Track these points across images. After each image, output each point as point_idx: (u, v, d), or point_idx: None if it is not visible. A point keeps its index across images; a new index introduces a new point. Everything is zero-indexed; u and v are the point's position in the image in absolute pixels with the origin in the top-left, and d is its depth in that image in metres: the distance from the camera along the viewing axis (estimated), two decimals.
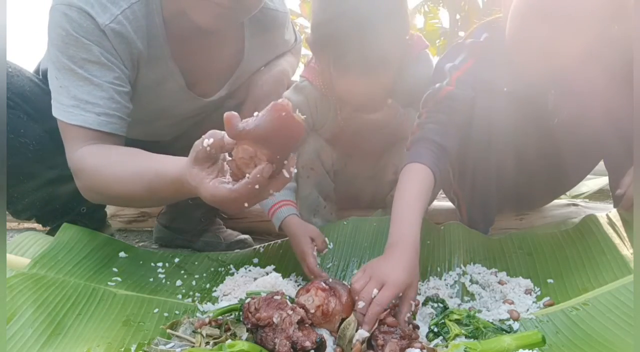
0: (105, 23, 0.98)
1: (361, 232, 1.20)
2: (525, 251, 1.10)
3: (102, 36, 0.99)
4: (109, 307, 0.88)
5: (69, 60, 0.98)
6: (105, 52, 1.00)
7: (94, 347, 0.76)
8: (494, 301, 0.96)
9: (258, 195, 0.71)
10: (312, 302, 0.80)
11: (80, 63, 0.98)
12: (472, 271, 1.06)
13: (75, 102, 0.98)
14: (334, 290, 0.83)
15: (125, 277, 1.00)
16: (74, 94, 0.99)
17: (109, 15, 0.99)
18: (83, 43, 0.98)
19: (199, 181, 0.75)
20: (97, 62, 0.99)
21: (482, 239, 1.16)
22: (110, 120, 1.00)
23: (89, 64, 0.99)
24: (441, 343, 0.79)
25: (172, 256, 1.15)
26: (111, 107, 1.00)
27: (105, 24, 0.98)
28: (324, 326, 0.80)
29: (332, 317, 0.80)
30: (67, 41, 0.97)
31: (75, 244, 1.03)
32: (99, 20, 0.98)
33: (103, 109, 0.99)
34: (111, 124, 1.00)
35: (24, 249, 1.02)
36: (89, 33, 0.98)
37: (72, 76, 0.99)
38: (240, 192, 0.70)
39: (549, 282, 0.99)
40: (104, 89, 1.00)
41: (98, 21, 0.97)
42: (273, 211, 1.14)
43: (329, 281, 0.86)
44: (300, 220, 1.12)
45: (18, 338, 0.74)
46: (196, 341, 0.78)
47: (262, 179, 0.68)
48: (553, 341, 0.80)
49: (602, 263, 0.97)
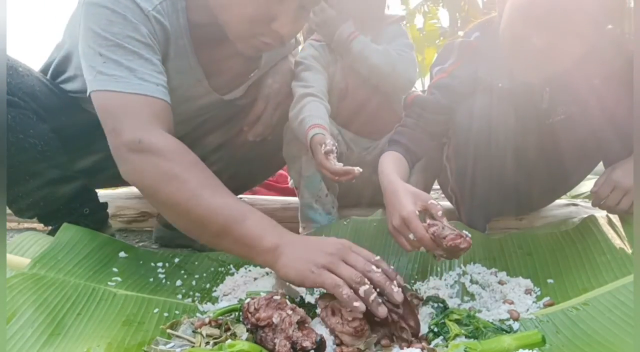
0: (148, 9, 1.01)
1: (361, 232, 1.20)
2: (525, 251, 1.11)
3: (147, 20, 1.01)
4: (109, 307, 0.88)
5: (115, 37, 0.97)
6: (148, 34, 1.01)
7: (94, 347, 0.76)
8: (494, 301, 0.96)
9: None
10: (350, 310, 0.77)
11: (127, 40, 0.98)
12: (472, 271, 1.06)
13: (129, 72, 0.96)
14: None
15: (125, 277, 1.00)
16: (128, 66, 0.96)
17: (150, 3, 1.01)
18: (130, 21, 0.98)
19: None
20: (143, 41, 1.00)
21: (482, 239, 1.16)
22: (166, 92, 1.00)
23: (135, 41, 0.99)
24: (441, 343, 0.79)
25: (172, 256, 1.16)
26: (164, 80, 1.01)
27: (148, 10, 1.01)
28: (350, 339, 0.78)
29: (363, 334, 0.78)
30: (112, 19, 0.97)
31: (75, 244, 1.03)
32: (143, 5, 1.00)
33: (159, 80, 1.00)
34: (167, 95, 1.00)
35: (24, 249, 1.02)
36: (136, 14, 0.99)
37: (121, 51, 0.97)
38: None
39: (549, 282, 0.99)
40: (154, 63, 1.00)
41: (142, 6, 1.00)
42: (306, 134, 1.21)
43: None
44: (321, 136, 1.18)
45: (18, 338, 0.74)
46: (196, 341, 0.78)
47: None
48: (553, 341, 0.80)
49: (602, 263, 0.97)
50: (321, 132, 1.19)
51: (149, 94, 0.96)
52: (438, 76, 1.24)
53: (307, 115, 1.24)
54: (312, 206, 1.40)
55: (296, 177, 1.44)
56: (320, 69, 1.37)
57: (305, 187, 1.40)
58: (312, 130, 1.20)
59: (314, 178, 1.38)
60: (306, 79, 1.33)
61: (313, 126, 1.21)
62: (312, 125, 1.21)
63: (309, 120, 1.22)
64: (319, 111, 1.26)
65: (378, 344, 0.80)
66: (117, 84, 0.95)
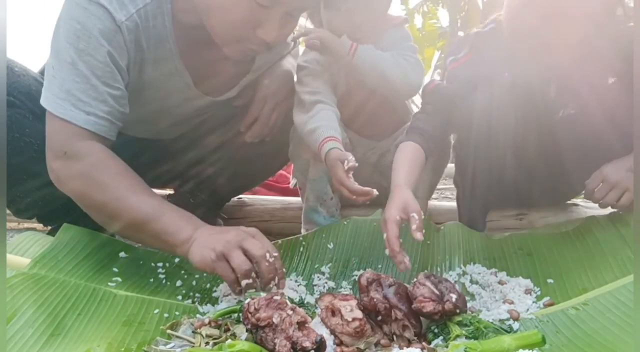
0: (121, 20, 1.00)
1: (361, 232, 1.20)
2: (525, 251, 1.11)
3: (117, 33, 1.00)
4: (109, 308, 0.88)
5: (76, 54, 0.98)
6: (114, 51, 1.01)
7: (94, 348, 0.76)
8: (494, 301, 0.96)
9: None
10: (351, 310, 0.79)
11: (86, 58, 0.99)
12: (472, 271, 1.06)
13: (66, 95, 0.99)
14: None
15: (125, 277, 1.00)
16: (68, 88, 0.99)
17: (125, 12, 1.01)
18: (96, 40, 0.98)
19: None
20: (103, 61, 1.00)
21: (482, 239, 1.17)
22: (98, 122, 1.00)
23: (94, 61, 0.99)
24: (441, 343, 0.79)
25: (172, 256, 1.15)
26: (102, 110, 1.01)
27: (121, 21, 1.00)
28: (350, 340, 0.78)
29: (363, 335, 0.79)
30: (79, 35, 0.98)
31: (75, 244, 1.03)
32: (116, 16, 0.99)
33: (93, 109, 1.00)
34: (98, 125, 1.01)
35: (24, 249, 1.02)
36: (104, 30, 0.99)
37: (71, 70, 0.99)
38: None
39: (549, 282, 0.99)
40: (99, 92, 1.00)
41: (115, 17, 0.99)
42: (320, 147, 1.20)
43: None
44: (338, 151, 1.16)
45: (18, 338, 0.74)
46: (196, 341, 0.78)
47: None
48: (553, 341, 0.80)
49: (602, 263, 0.97)
50: (338, 147, 1.17)
51: (74, 123, 0.99)
52: (452, 66, 1.27)
53: (321, 126, 1.21)
54: (317, 209, 1.40)
55: (301, 179, 1.44)
56: (323, 73, 1.35)
57: (311, 190, 1.40)
58: (328, 144, 1.18)
59: (320, 182, 1.38)
60: (312, 85, 1.31)
61: (328, 139, 1.19)
62: (328, 138, 1.19)
63: (324, 131, 1.20)
64: (331, 121, 1.24)
65: (378, 344, 0.80)
66: (53, 104, 0.99)
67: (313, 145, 1.22)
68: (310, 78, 1.32)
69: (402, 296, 0.84)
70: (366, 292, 0.85)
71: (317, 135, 1.20)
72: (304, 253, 1.15)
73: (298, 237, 1.20)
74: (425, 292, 0.83)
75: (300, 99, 1.31)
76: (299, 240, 1.18)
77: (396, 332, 0.81)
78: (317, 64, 1.34)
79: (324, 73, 1.35)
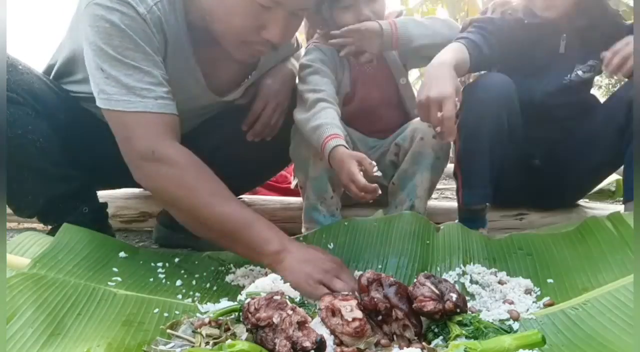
0: (144, 12, 1.03)
1: (361, 232, 1.20)
2: (525, 252, 1.10)
3: (144, 24, 1.03)
4: (109, 307, 0.88)
5: (115, 51, 1.01)
6: (147, 40, 1.03)
7: (94, 347, 0.76)
8: (494, 301, 0.96)
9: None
10: (351, 310, 0.79)
11: (126, 53, 1.01)
12: (472, 271, 1.06)
13: (127, 90, 1.01)
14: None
15: (125, 277, 1.00)
16: (126, 83, 1.01)
17: (145, 5, 1.03)
18: (128, 33, 1.01)
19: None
20: (142, 51, 1.03)
21: (482, 239, 1.16)
22: (167, 103, 1.04)
23: (134, 53, 1.02)
24: (441, 343, 0.79)
25: (172, 256, 1.15)
26: (164, 91, 1.04)
27: (144, 14, 1.02)
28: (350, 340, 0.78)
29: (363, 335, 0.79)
30: (111, 33, 1.01)
31: (75, 244, 1.02)
32: (139, 9, 1.02)
33: (158, 93, 1.03)
34: (169, 105, 1.04)
35: (24, 249, 1.01)
36: (133, 22, 1.02)
37: (120, 66, 1.01)
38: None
39: (549, 282, 0.99)
40: (153, 75, 1.03)
41: (138, 10, 1.02)
42: (324, 144, 1.20)
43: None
44: (346, 149, 1.17)
45: (18, 338, 0.73)
46: (196, 341, 0.78)
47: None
48: (553, 341, 0.80)
49: (602, 263, 0.97)
50: (343, 144, 1.18)
51: (147, 110, 1.01)
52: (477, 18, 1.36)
53: (324, 123, 1.22)
54: (317, 207, 1.41)
55: (302, 178, 1.44)
56: (328, 72, 1.36)
57: (312, 188, 1.40)
58: (333, 141, 1.18)
59: (320, 180, 1.38)
60: (315, 83, 1.32)
61: (332, 136, 1.19)
62: (332, 135, 1.19)
63: (327, 129, 1.21)
64: (335, 119, 1.24)
65: (378, 344, 0.80)
66: (117, 103, 1.01)
67: (316, 142, 1.22)
68: (313, 77, 1.33)
69: (403, 296, 0.84)
70: (367, 292, 0.85)
71: (321, 132, 1.21)
72: None
73: (298, 238, 1.20)
74: (426, 292, 0.83)
75: (302, 98, 1.31)
76: (299, 240, 1.18)
77: (396, 332, 0.81)
78: (321, 63, 1.35)
79: (328, 73, 1.36)
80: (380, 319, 0.82)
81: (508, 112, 1.25)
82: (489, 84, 1.26)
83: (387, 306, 0.81)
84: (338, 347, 0.77)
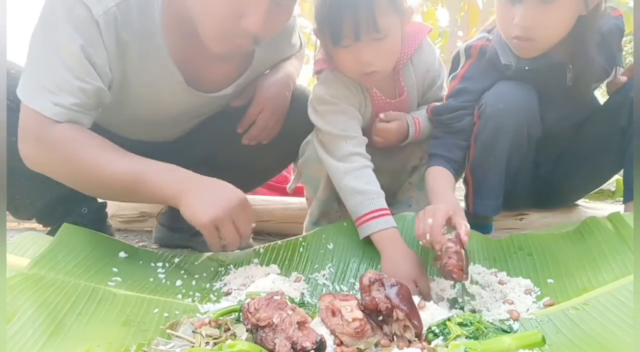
0: (99, 13, 0.99)
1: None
2: (525, 252, 1.10)
3: (94, 26, 0.99)
4: (109, 307, 0.88)
5: (51, 45, 1.00)
6: (89, 46, 1.00)
7: (94, 347, 0.76)
8: (494, 301, 0.96)
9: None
10: (351, 311, 0.79)
11: (60, 51, 0.99)
12: (472, 271, 1.05)
13: (37, 85, 1.01)
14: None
15: (125, 277, 1.00)
16: (39, 79, 1.01)
17: (103, 6, 1.00)
18: (70, 33, 0.98)
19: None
20: (76, 55, 0.99)
21: (482, 239, 1.16)
22: (65, 112, 1.01)
23: (67, 54, 0.99)
24: (441, 343, 0.79)
25: (172, 256, 1.15)
26: (70, 102, 1.01)
27: (99, 15, 0.99)
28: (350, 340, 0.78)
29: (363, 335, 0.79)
30: (55, 27, 0.99)
31: (75, 244, 1.03)
32: (94, 10, 0.99)
33: (61, 100, 1.00)
34: (65, 115, 1.01)
35: (24, 249, 1.02)
36: (81, 22, 0.99)
37: (45, 61, 1.00)
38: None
39: (549, 282, 0.99)
40: (70, 84, 1.00)
41: (92, 11, 0.99)
42: (369, 218, 1.12)
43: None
44: (404, 245, 1.09)
45: (18, 338, 0.74)
46: (196, 341, 0.78)
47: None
48: (553, 341, 0.80)
49: (602, 263, 0.97)
50: (395, 227, 1.11)
51: (41, 113, 1.00)
52: (451, 85, 1.32)
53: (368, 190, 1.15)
54: (319, 223, 1.38)
55: (309, 192, 1.42)
56: (355, 113, 1.27)
57: (317, 207, 1.37)
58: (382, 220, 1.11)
59: (327, 201, 1.35)
60: (344, 127, 1.23)
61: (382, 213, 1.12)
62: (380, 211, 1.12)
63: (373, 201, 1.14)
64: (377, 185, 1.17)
65: (378, 344, 0.80)
66: (25, 94, 1.02)
67: (353, 206, 1.16)
68: (339, 117, 1.24)
69: (404, 297, 0.84)
70: (368, 292, 0.85)
71: (363, 200, 1.15)
72: (304, 253, 1.15)
73: (298, 238, 1.20)
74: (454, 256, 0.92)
75: (327, 138, 1.24)
76: (299, 240, 1.18)
77: (397, 332, 0.81)
78: (346, 102, 1.25)
79: (356, 113, 1.27)
80: (380, 319, 0.82)
81: (528, 125, 1.22)
82: (510, 95, 1.21)
83: (389, 306, 0.81)
84: (338, 348, 0.77)
